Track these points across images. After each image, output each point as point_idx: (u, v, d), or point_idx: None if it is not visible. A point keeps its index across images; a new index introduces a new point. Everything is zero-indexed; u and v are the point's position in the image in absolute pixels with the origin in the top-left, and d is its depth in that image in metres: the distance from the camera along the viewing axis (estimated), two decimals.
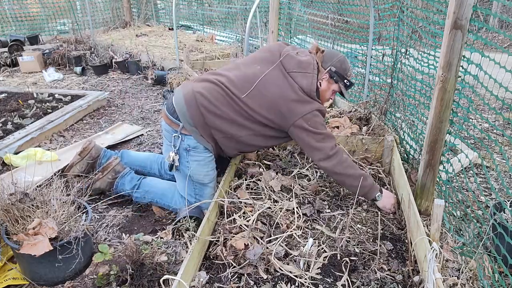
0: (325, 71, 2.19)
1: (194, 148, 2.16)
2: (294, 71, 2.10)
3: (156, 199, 2.41)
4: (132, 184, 2.43)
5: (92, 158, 2.61)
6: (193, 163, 2.18)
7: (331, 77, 2.20)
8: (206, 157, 2.21)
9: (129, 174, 2.48)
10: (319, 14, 7.08)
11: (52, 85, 5.18)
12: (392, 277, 1.71)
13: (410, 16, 2.78)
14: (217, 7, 8.66)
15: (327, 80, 2.21)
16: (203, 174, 2.23)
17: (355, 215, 2.14)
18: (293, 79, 2.09)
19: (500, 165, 3.06)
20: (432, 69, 2.37)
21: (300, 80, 2.09)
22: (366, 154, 2.68)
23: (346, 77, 2.22)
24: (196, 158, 2.18)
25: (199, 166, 2.20)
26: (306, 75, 2.10)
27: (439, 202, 1.65)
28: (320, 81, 2.19)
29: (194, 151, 2.17)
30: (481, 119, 3.81)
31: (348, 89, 2.30)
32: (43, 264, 1.76)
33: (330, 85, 2.23)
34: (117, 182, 2.45)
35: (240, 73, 2.15)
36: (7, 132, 3.33)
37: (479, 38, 1.85)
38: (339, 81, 2.22)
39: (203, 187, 2.28)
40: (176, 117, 2.14)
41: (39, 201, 1.86)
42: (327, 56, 2.21)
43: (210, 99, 2.09)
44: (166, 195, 2.39)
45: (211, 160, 2.25)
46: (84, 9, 8.01)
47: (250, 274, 1.70)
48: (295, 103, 2.06)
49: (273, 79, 2.10)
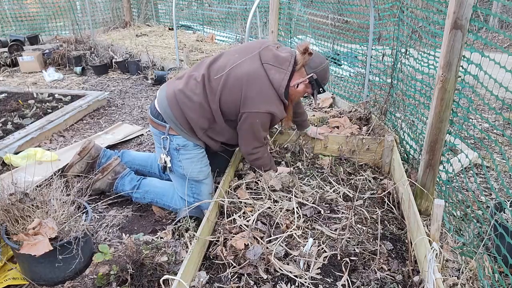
0: (307, 75, 2.18)
1: (184, 146, 2.19)
2: (270, 63, 2.11)
3: (156, 199, 2.41)
4: (132, 184, 2.43)
5: (91, 158, 2.61)
6: (185, 161, 2.21)
7: (310, 83, 2.20)
8: (197, 153, 2.24)
9: (129, 174, 2.48)
10: (319, 14, 7.08)
11: (52, 85, 5.18)
12: (392, 277, 1.71)
13: (410, 16, 2.78)
14: (217, 7, 8.66)
15: (305, 84, 2.21)
16: (196, 171, 2.25)
17: (355, 215, 2.14)
18: (266, 71, 2.10)
19: (500, 165, 3.06)
20: (432, 69, 2.37)
21: (273, 74, 2.10)
22: (366, 155, 2.69)
23: (322, 86, 2.24)
24: (187, 156, 2.21)
25: (192, 164, 2.22)
26: (280, 70, 2.11)
27: (439, 202, 1.65)
28: (298, 84, 2.19)
29: (184, 150, 2.20)
30: (481, 119, 3.80)
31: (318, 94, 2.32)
32: (43, 264, 1.76)
33: (306, 89, 2.24)
34: (117, 182, 2.45)
35: (220, 62, 2.18)
36: (7, 132, 3.33)
37: (479, 38, 1.85)
38: (315, 88, 2.22)
39: (199, 185, 2.29)
40: (162, 119, 2.18)
41: (39, 201, 1.86)
42: (313, 61, 2.17)
43: (189, 95, 2.13)
44: (166, 195, 2.39)
45: (203, 157, 2.28)
46: (84, 9, 8.01)
47: (250, 274, 1.70)
48: (258, 95, 2.08)
49: (246, 64, 2.12)
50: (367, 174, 2.56)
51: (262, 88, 2.08)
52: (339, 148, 2.75)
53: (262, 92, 2.08)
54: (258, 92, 2.07)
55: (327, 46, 5.42)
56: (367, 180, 2.49)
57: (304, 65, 2.16)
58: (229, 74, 2.10)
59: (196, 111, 2.13)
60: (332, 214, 2.14)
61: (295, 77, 2.18)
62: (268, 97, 2.09)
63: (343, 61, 5.34)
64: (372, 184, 2.46)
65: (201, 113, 2.14)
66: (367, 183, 2.47)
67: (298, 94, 2.26)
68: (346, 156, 2.73)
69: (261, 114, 2.10)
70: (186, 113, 2.13)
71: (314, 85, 2.20)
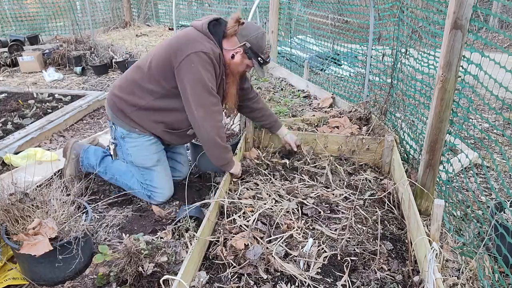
0: (239, 44, 2.17)
1: (128, 134, 2.26)
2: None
3: (116, 176, 2.44)
4: (96, 155, 2.48)
5: (77, 155, 2.57)
6: (132, 149, 2.28)
7: (245, 52, 2.19)
8: (144, 141, 2.28)
9: (89, 147, 2.54)
10: (319, 14, 7.08)
11: (52, 85, 5.17)
12: (392, 277, 1.71)
13: (410, 16, 2.78)
14: (217, 7, 8.67)
15: (241, 54, 2.19)
16: (143, 158, 2.30)
17: (355, 216, 2.14)
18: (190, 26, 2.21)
19: (500, 165, 3.06)
20: (432, 69, 2.37)
21: (195, 23, 2.18)
22: (366, 155, 2.69)
23: (260, 55, 2.20)
24: (133, 144, 2.27)
25: (139, 151, 2.28)
26: (200, 20, 2.18)
27: (439, 202, 1.65)
28: (233, 54, 2.18)
29: (129, 138, 2.26)
30: (481, 119, 3.80)
31: (262, 66, 2.27)
32: (43, 264, 1.76)
33: (243, 60, 2.22)
34: (81, 158, 2.47)
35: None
36: (7, 132, 3.32)
37: (479, 38, 1.85)
38: (252, 57, 2.20)
39: (150, 172, 2.33)
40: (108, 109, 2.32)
41: (39, 201, 1.86)
42: (245, 30, 2.16)
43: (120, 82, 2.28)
44: (126, 173, 2.42)
45: (151, 144, 2.30)
46: (84, 9, 8.01)
47: (250, 274, 1.70)
48: (185, 42, 2.09)
49: (170, 39, 2.23)
50: (367, 174, 2.56)
51: (186, 35, 2.13)
52: (339, 148, 2.75)
53: (188, 37, 2.11)
54: (184, 40, 2.11)
55: (327, 46, 5.42)
56: (367, 180, 2.49)
57: (236, 34, 2.16)
58: (156, 47, 2.24)
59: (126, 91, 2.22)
60: (332, 214, 2.14)
61: (228, 44, 2.17)
62: (195, 38, 2.10)
63: (343, 61, 5.34)
64: (372, 184, 2.46)
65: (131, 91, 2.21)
66: (367, 183, 2.47)
67: (237, 65, 2.23)
68: (346, 156, 2.73)
69: (194, 55, 2.03)
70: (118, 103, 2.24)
71: (250, 54, 2.18)
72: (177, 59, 2.06)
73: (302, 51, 5.90)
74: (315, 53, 5.59)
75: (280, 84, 4.61)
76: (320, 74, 5.42)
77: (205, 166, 2.70)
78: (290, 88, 4.51)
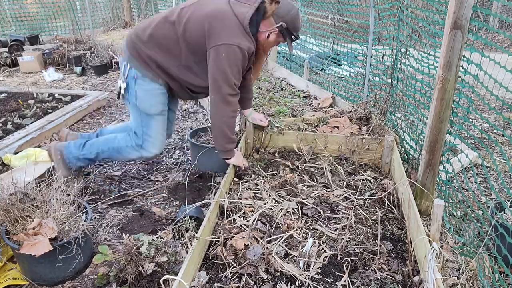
0: (276, 24, 2.17)
1: (141, 77, 2.23)
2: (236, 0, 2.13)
3: (101, 148, 2.44)
4: (76, 144, 2.47)
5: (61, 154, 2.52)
6: (140, 91, 2.26)
7: (280, 32, 2.20)
8: (154, 88, 2.27)
9: (69, 142, 2.53)
10: (319, 14, 7.08)
11: (52, 85, 5.17)
12: (392, 277, 1.71)
13: (410, 16, 2.78)
14: None
15: (276, 34, 2.21)
16: (149, 104, 2.29)
17: (355, 216, 2.14)
18: (231, 6, 2.11)
19: (500, 165, 3.06)
20: (432, 69, 2.37)
21: (238, 8, 2.10)
22: (366, 155, 2.69)
23: (294, 34, 2.23)
24: (144, 87, 2.26)
25: (147, 96, 2.27)
26: (245, 5, 2.12)
27: (439, 202, 1.65)
28: (269, 33, 2.19)
29: (142, 80, 2.24)
30: (481, 119, 3.80)
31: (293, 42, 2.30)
32: (43, 264, 1.76)
33: (278, 38, 2.25)
34: (65, 155, 2.45)
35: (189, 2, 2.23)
36: (7, 132, 3.32)
37: (479, 38, 1.85)
38: (287, 36, 2.23)
39: (149, 119, 2.33)
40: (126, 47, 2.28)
41: (39, 201, 1.86)
42: (281, 9, 2.15)
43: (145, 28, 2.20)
44: (108, 140, 2.44)
45: (160, 93, 2.30)
46: (84, 9, 8.01)
47: (250, 274, 1.70)
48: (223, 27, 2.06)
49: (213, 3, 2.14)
50: (367, 174, 2.56)
51: (226, 21, 2.08)
52: (339, 148, 2.75)
53: (227, 25, 2.07)
54: (222, 25, 2.07)
55: (327, 46, 5.42)
56: (367, 180, 2.49)
57: (272, 15, 2.16)
58: (194, 10, 2.13)
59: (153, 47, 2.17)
60: (332, 214, 2.14)
61: (265, 25, 2.17)
62: (234, 30, 2.08)
63: (343, 61, 5.34)
64: (372, 184, 2.46)
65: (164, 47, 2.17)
66: (367, 183, 2.47)
67: (270, 43, 2.27)
68: (346, 156, 2.73)
69: (227, 47, 2.05)
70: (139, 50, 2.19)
71: (285, 34, 2.21)
72: (210, 43, 2.08)
73: (302, 51, 5.90)
74: (315, 53, 5.59)
75: (280, 84, 4.61)
76: (320, 74, 5.42)
77: (205, 166, 2.70)
78: (290, 88, 4.51)
